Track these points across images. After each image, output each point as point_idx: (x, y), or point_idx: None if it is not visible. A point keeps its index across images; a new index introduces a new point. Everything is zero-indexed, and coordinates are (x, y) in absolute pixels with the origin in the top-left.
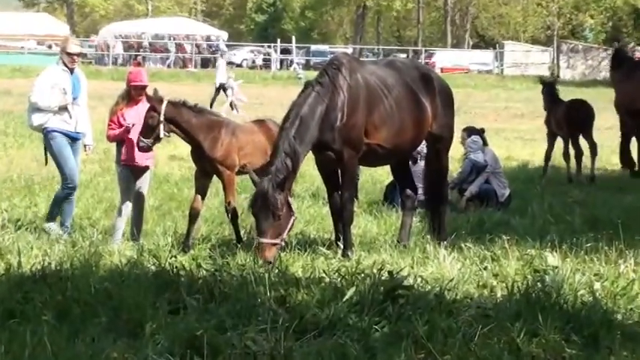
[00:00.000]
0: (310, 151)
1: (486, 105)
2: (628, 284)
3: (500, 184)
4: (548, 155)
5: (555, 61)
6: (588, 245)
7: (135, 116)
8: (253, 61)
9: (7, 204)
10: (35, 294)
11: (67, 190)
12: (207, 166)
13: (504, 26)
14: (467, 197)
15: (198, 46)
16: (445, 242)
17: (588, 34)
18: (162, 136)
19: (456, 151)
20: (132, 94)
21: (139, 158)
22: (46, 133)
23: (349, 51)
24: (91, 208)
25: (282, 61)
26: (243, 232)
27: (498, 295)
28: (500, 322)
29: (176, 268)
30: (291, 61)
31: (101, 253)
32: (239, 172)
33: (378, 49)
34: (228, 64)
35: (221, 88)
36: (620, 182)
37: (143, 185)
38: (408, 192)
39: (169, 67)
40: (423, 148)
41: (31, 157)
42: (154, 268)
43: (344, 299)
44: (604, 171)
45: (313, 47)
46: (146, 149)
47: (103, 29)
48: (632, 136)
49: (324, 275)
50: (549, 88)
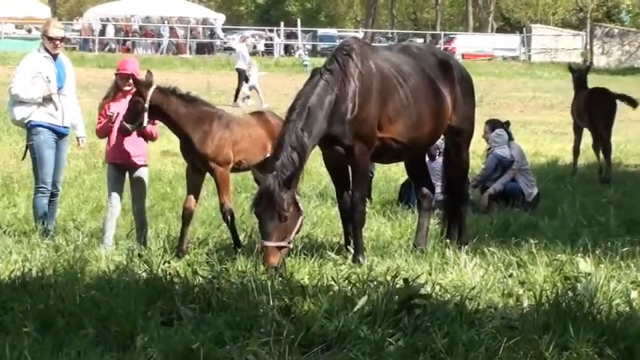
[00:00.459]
0: (317, 146)
1: (512, 95)
2: None
3: (527, 182)
4: (576, 149)
5: (588, 47)
6: (624, 250)
7: (122, 109)
8: (254, 47)
9: None
10: (15, 303)
11: (40, 193)
12: (197, 163)
13: (532, 8)
14: (489, 194)
15: (192, 30)
16: (466, 246)
17: (625, 17)
18: (145, 124)
19: (477, 145)
20: (119, 85)
21: (125, 155)
22: (30, 128)
23: (360, 35)
24: (76, 208)
25: (286, 46)
26: (242, 236)
27: (525, 304)
28: (527, 335)
29: (170, 274)
30: (297, 47)
31: (87, 258)
32: (234, 169)
33: (392, 34)
34: (228, 49)
35: (244, 76)
36: None
37: (138, 188)
38: (425, 191)
39: (162, 53)
40: (441, 143)
41: (8, 152)
42: (145, 274)
43: (354, 309)
44: None
45: (320, 31)
46: (129, 133)
47: (87, 11)
48: None
49: (333, 283)
50: (579, 75)
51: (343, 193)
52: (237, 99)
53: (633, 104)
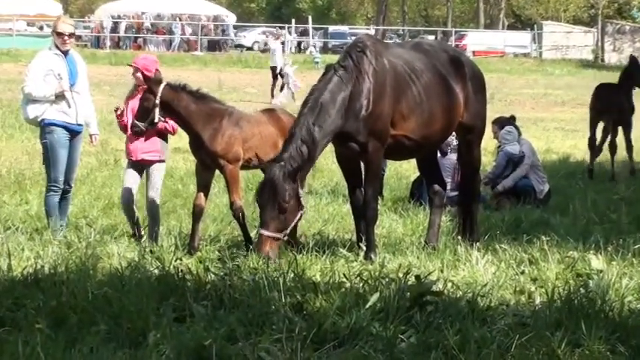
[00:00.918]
0: (331, 142)
1: (523, 92)
2: None
3: (538, 179)
4: (591, 145)
5: (599, 44)
6: (636, 247)
7: (136, 105)
8: (265, 44)
9: None
10: (27, 300)
11: (51, 191)
12: (207, 160)
13: (543, 5)
14: (498, 191)
15: (203, 27)
16: (478, 243)
17: (636, 14)
18: (156, 120)
19: (488, 142)
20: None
21: (135, 151)
22: (43, 126)
23: (371, 32)
24: (88, 205)
25: (298, 43)
26: (254, 232)
27: (537, 301)
28: (539, 332)
29: (182, 271)
30: (312, 44)
31: (99, 255)
32: (244, 167)
33: (403, 31)
34: (239, 46)
35: (279, 73)
36: None
37: (149, 184)
38: (437, 188)
39: (173, 50)
40: (452, 139)
41: (21, 149)
42: (157, 271)
43: (367, 306)
44: None
45: (331, 28)
46: (140, 133)
47: (99, 9)
48: None
49: (345, 280)
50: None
51: (355, 190)
52: (275, 96)
53: None
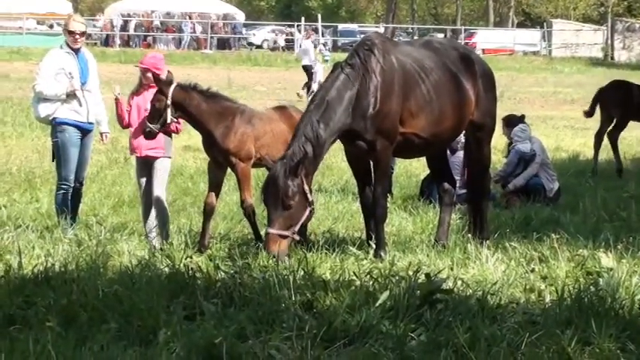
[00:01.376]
0: (339, 140)
1: (533, 90)
2: None
3: (548, 177)
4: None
5: (609, 42)
6: None
7: (142, 102)
8: (275, 42)
9: (6, 199)
10: (38, 298)
11: (62, 190)
12: (219, 157)
13: (552, 3)
14: (509, 190)
15: (213, 25)
16: (488, 241)
17: None
18: (169, 121)
19: (498, 140)
20: (141, 79)
21: (137, 148)
22: (55, 125)
23: (381, 30)
24: (98, 203)
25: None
26: (264, 231)
27: (547, 299)
28: (549, 330)
29: (192, 269)
30: (322, 43)
31: (109, 253)
32: (256, 165)
33: (413, 29)
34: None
35: (309, 71)
36: None
37: (154, 180)
38: (446, 186)
39: (183, 48)
40: (460, 137)
41: (31, 147)
42: (167, 269)
43: (376, 304)
44: None
45: (341, 26)
46: (153, 136)
47: (109, 7)
48: None
49: (355, 278)
50: None
51: (365, 188)
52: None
53: None
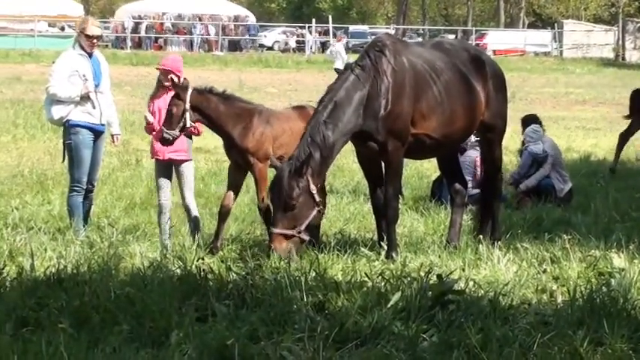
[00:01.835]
0: (350, 142)
1: (544, 91)
2: None
3: (559, 178)
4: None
5: (620, 42)
6: None
7: (163, 105)
8: (286, 44)
9: (18, 201)
10: (50, 300)
11: (74, 192)
12: (238, 159)
13: (563, 3)
14: (521, 190)
15: (224, 27)
16: (499, 242)
17: None
18: (188, 125)
19: (509, 141)
20: (161, 81)
21: (160, 151)
22: (68, 127)
23: (391, 31)
24: (110, 205)
25: (323, 42)
26: None
27: (559, 300)
28: (561, 330)
29: (204, 271)
30: (332, 44)
31: (121, 255)
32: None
33: (424, 30)
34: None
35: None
36: None
37: (184, 186)
38: (457, 187)
39: (193, 50)
40: (470, 136)
41: (43, 149)
42: (179, 271)
43: (388, 305)
44: None
45: (352, 28)
46: (170, 142)
47: (120, 9)
48: None
49: (367, 279)
50: None
51: (376, 189)
52: None
53: None
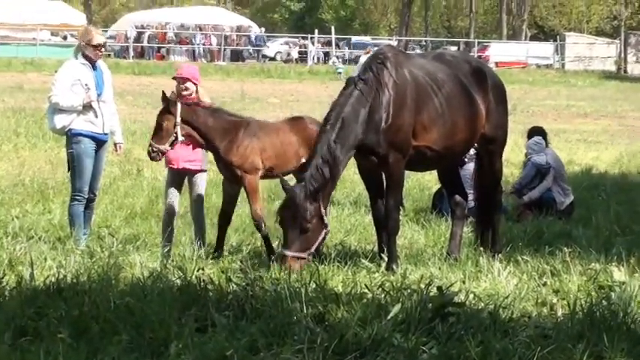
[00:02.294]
0: None
1: (546, 103)
2: None
3: (560, 191)
4: None
5: (622, 55)
6: None
7: None
8: (288, 54)
9: (19, 210)
10: (49, 309)
11: (75, 201)
12: (226, 172)
13: (566, 16)
14: (524, 202)
15: (227, 37)
16: (500, 255)
17: None
18: (180, 139)
19: (510, 154)
20: (178, 90)
21: (174, 159)
22: (71, 136)
23: (394, 43)
24: (110, 215)
25: (326, 53)
26: (276, 243)
27: (559, 313)
28: (561, 344)
29: (203, 281)
30: (335, 55)
31: (121, 264)
32: (266, 176)
33: (426, 41)
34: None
35: None
36: None
37: (196, 196)
38: (458, 199)
39: (196, 60)
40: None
41: (44, 158)
42: (179, 281)
43: (388, 317)
44: None
45: (354, 39)
46: (159, 157)
47: (122, 18)
48: None
49: (367, 290)
50: None
51: (377, 201)
52: None
53: None
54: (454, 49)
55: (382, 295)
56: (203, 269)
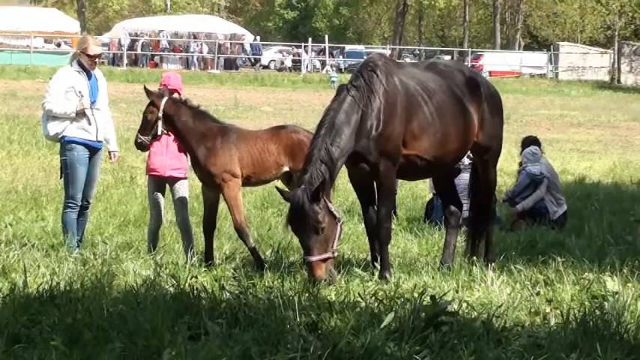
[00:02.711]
0: None
1: (539, 112)
2: None
3: (553, 201)
4: None
5: (616, 65)
6: None
7: None
8: (282, 63)
9: (12, 218)
10: (43, 317)
11: (69, 208)
12: (204, 178)
13: (559, 26)
14: (517, 211)
15: (220, 45)
16: (493, 264)
17: None
18: (159, 133)
19: (504, 163)
20: None
21: (163, 167)
22: (64, 143)
23: (387, 52)
24: (104, 222)
25: (322, 62)
26: (269, 251)
27: (552, 322)
28: (554, 353)
29: (197, 289)
30: (329, 64)
31: (114, 272)
32: (245, 184)
33: (420, 50)
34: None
35: None
36: None
37: (179, 203)
38: (453, 208)
39: (189, 68)
40: (464, 158)
41: (37, 166)
42: (172, 289)
43: (381, 326)
44: None
45: (348, 47)
46: (144, 147)
47: (116, 26)
48: None
49: (360, 299)
50: None
51: (368, 209)
52: None
53: None
54: (448, 58)
55: (375, 303)
56: (196, 277)
